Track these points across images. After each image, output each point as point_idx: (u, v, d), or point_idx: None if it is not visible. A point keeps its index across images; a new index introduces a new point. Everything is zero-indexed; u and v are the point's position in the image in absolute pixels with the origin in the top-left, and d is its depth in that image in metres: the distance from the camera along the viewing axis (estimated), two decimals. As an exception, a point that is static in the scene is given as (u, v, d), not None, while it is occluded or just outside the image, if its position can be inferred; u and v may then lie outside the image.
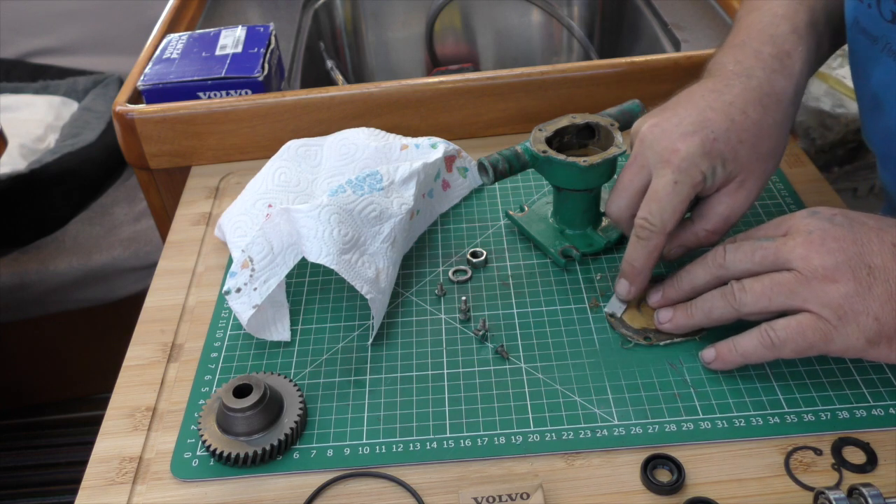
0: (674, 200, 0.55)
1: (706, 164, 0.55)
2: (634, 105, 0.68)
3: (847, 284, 0.48)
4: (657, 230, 0.55)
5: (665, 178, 0.55)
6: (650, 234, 0.56)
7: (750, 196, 0.57)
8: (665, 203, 0.55)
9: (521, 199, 0.74)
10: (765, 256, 0.51)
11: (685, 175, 0.55)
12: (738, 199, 0.57)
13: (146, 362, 0.61)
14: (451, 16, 1.26)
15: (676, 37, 0.97)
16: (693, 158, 0.55)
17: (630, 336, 0.58)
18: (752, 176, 0.57)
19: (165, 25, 0.99)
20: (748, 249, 0.52)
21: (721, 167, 0.55)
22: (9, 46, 1.85)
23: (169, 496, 0.51)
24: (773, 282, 0.50)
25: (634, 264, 0.57)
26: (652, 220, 0.55)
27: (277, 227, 0.60)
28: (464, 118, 0.82)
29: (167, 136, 0.80)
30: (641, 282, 0.58)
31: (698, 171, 0.55)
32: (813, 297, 0.49)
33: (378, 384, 0.57)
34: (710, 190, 0.57)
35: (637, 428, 0.52)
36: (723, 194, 0.57)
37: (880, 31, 0.58)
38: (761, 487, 0.49)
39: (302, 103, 0.80)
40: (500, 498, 0.47)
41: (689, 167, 0.55)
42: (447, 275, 0.66)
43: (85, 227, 1.55)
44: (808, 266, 0.49)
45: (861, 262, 0.48)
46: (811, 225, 0.50)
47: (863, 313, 0.48)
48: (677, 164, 0.55)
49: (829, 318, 0.48)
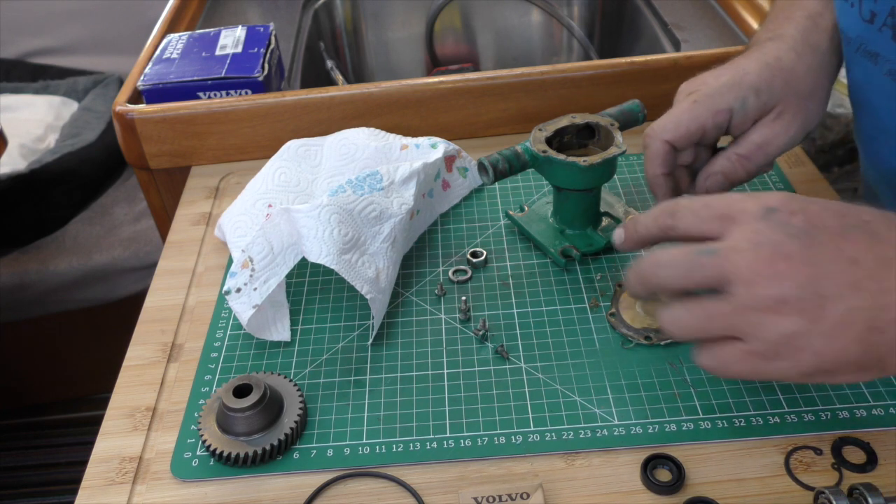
0: (683, 115, 0.57)
1: (733, 96, 0.56)
2: (634, 105, 0.68)
3: (791, 320, 0.41)
4: (653, 134, 0.58)
5: (687, 100, 0.58)
6: (648, 141, 0.59)
7: (788, 129, 0.57)
8: (673, 115, 0.57)
9: (521, 199, 0.74)
10: (704, 277, 0.44)
11: (707, 98, 0.57)
12: (774, 129, 0.57)
13: (146, 362, 0.61)
14: (451, 16, 1.26)
15: (676, 37, 0.97)
16: (720, 88, 0.57)
17: (631, 336, 0.58)
18: (789, 109, 0.57)
19: (165, 25, 0.99)
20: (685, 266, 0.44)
21: (754, 97, 0.57)
22: (9, 46, 1.85)
23: (169, 496, 0.51)
24: (710, 313, 0.44)
25: (646, 173, 0.60)
26: (653, 127, 0.58)
27: (277, 227, 0.60)
28: (464, 118, 0.82)
29: (167, 136, 0.80)
30: (662, 194, 0.60)
31: (723, 100, 0.57)
32: (751, 330, 0.42)
33: (378, 384, 0.57)
34: (745, 122, 0.58)
35: (637, 428, 0.52)
36: (761, 123, 0.58)
37: (856, 31, 0.59)
38: (761, 487, 0.49)
39: (302, 103, 0.80)
40: (500, 498, 0.47)
41: (714, 94, 0.57)
42: (447, 275, 0.66)
43: (85, 227, 1.55)
44: (751, 294, 0.42)
45: (812, 291, 0.41)
46: (761, 234, 0.42)
47: (802, 350, 0.41)
48: (703, 91, 0.57)
49: (765, 353, 0.42)
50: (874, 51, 0.58)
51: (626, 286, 0.52)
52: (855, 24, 0.59)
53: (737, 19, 0.96)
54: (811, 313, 0.41)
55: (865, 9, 0.58)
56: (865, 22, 0.58)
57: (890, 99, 0.59)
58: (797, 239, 0.42)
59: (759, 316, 0.42)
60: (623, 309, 0.61)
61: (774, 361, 0.42)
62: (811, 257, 0.42)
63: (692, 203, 0.46)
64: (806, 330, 0.41)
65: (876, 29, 0.57)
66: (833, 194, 0.72)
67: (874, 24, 0.57)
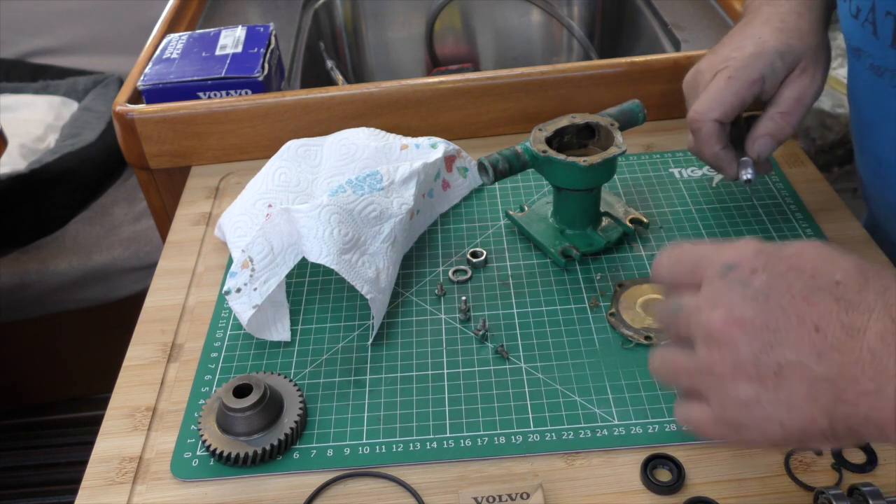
0: (724, 92, 0.60)
1: (763, 63, 0.60)
2: (634, 105, 0.68)
3: (747, 386, 0.39)
4: (701, 117, 0.60)
5: (721, 77, 0.60)
6: (698, 125, 0.61)
7: (816, 80, 0.61)
8: (714, 94, 0.60)
9: (521, 199, 0.74)
10: (677, 332, 0.43)
11: (741, 72, 0.60)
12: (804, 82, 0.61)
13: (146, 362, 0.61)
14: (451, 16, 1.26)
15: (676, 37, 0.97)
16: (749, 60, 0.60)
17: (631, 336, 0.58)
18: (811, 62, 0.61)
19: (165, 25, 0.99)
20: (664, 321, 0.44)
21: (780, 60, 0.60)
22: (9, 46, 1.85)
23: (169, 496, 0.51)
24: (677, 366, 0.43)
25: (707, 157, 0.62)
26: (698, 110, 0.60)
27: (277, 227, 0.60)
28: (464, 118, 0.82)
29: (167, 136, 0.80)
30: (728, 164, 0.62)
31: (755, 70, 0.60)
32: (711, 393, 0.41)
33: (378, 384, 0.57)
34: (775, 86, 0.61)
35: (637, 428, 0.52)
36: (789, 81, 0.61)
37: (846, 26, 0.61)
38: (761, 487, 0.49)
39: (302, 103, 0.80)
40: (500, 498, 0.47)
41: (746, 66, 0.60)
42: (447, 275, 0.66)
43: (85, 227, 1.55)
44: (709, 358, 0.40)
45: (767, 358, 0.38)
46: (718, 295, 0.40)
47: (765, 420, 0.39)
48: (734, 66, 0.60)
49: (729, 421, 0.40)
50: (857, 46, 0.61)
51: None
52: (845, 19, 0.61)
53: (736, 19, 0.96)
54: (769, 382, 0.38)
55: (853, 4, 0.59)
56: (852, 17, 0.60)
57: (872, 93, 0.61)
58: (754, 301, 0.39)
59: (717, 380, 0.40)
60: (623, 309, 0.61)
61: (740, 430, 0.40)
62: (767, 323, 0.39)
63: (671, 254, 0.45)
64: (766, 398, 0.39)
65: (860, 24, 0.59)
66: (833, 194, 0.72)
67: (858, 19, 0.59)
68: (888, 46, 0.57)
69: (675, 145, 0.80)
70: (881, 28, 0.57)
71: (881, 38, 0.57)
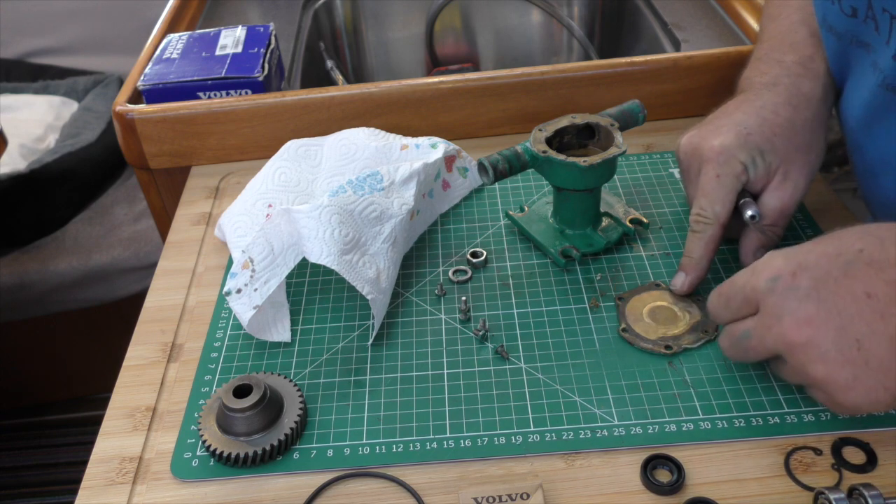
0: (721, 192, 0.59)
1: (744, 155, 0.58)
2: (634, 105, 0.68)
3: (843, 372, 0.44)
4: (711, 221, 0.59)
5: (709, 174, 0.59)
6: (705, 227, 0.59)
7: (798, 186, 0.60)
8: (713, 195, 0.59)
9: (521, 199, 0.74)
10: (759, 355, 0.49)
11: (726, 167, 0.59)
12: (786, 191, 0.60)
13: (146, 362, 0.61)
14: (451, 16, 1.26)
15: (676, 37, 0.97)
16: (730, 150, 0.59)
17: (651, 349, 0.57)
18: (794, 167, 0.60)
19: (165, 25, 0.99)
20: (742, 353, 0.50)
21: (760, 158, 0.59)
22: (9, 46, 1.85)
23: (169, 496, 0.51)
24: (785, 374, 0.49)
25: (692, 255, 0.60)
26: (705, 213, 0.59)
27: (278, 228, 0.60)
28: (464, 118, 0.82)
29: (167, 136, 0.80)
30: (698, 273, 0.60)
31: (737, 161, 0.58)
32: (819, 391, 0.46)
33: (378, 384, 0.57)
34: (757, 184, 0.60)
35: (637, 428, 0.52)
36: (771, 189, 0.60)
37: (843, 26, 0.61)
38: (761, 487, 0.49)
39: (302, 103, 0.80)
40: (500, 498, 0.47)
41: (728, 159, 0.59)
42: (447, 275, 0.66)
43: (85, 227, 1.55)
44: (797, 361, 0.46)
45: (846, 339, 0.44)
46: (777, 307, 0.46)
47: (872, 390, 0.44)
48: (716, 159, 0.59)
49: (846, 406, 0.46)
50: (866, 41, 0.60)
51: None
52: (837, 19, 0.61)
53: (737, 19, 0.96)
54: (858, 360, 0.43)
55: (846, 4, 0.59)
56: (849, 17, 0.60)
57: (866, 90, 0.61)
58: (808, 299, 0.44)
59: (818, 379, 0.45)
60: (633, 322, 0.60)
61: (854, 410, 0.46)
62: (829, 311, 0.44)
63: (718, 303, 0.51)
64: (862, 374, 0.43)
65: (861, 21, 0.59)
66: (833, 194, 0.72)
67: (858, 17, 0.59)
68: (884, 43, 0.57)
69: (674, 145, 0.80)
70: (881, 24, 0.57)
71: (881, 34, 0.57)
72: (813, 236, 0.66)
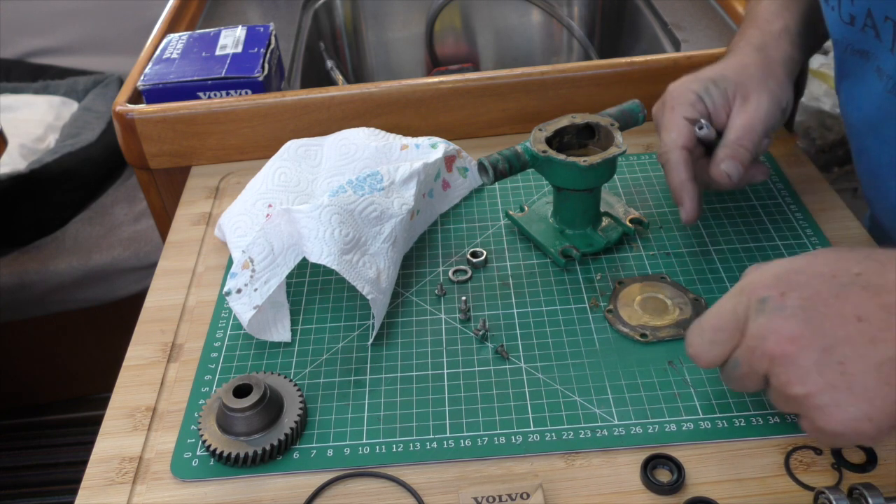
0: (675, 120, 0.63)
1: (696, 86, 0.63)
2: (634, 105, 0.68)
3: (823, 396, 0.41)
4: (668, 147, 0.63)
5: (666, 110, 0.64)
6: (667, 156, 0.63)
7: (760, 105, 0.62)
8: (670, 125, 0.63)
9: (521, 199, 0.74)
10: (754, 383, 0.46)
11: (679, 98, 0.63)
12: (748, 109, 0.62)
13: (146, 362, 0.61)
14: (451, 16, 1.26)
15: (676, 37, 0.97)
16: (682, 85, 0.64)
17: (627, 333, 0.58)
18: (751, 91, 0.63)
19: (165, 25, 0.99)
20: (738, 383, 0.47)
21: (713, 85, 0.63)
22: (9, 46, 1.85)
23: (169, 496, 0.51)
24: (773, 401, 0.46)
25: (674, 183, 0.63)
26: (664, 143, 0.63)
27: (278, 228, 0.60)
28: (464, 118, 0.82)
29: (167, 136, 0.80)
30: (689, 197, 0.62)
31: (689, 91, 0.63)
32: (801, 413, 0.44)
33: (378, 384, 0.57)
34: (720, 114, 0.63)
35: (637, 428, 0.52)
36: (734, 110, 0.63)
37: (840, 33, 0.62)
38: (761, 487, 0.49)
39: (302, 103, 0.80)
40: (500, 498, 0.47)
41: (681, 92, 0.64)
42: (447, 275, 0.66)
43: (85, 227, 1.55)
44: (779, 382, 0.43)
45: (830, 359, 0.41)
46: (763, 328, 0.43)
47: (854, 421, 0.41)
48: (669, 96, 0.64)
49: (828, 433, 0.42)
50: (865, 49, 0.61)
51: None
52: (837, 27, 0.62)
53: (737, 19, 0.96)
54: (840, 382, 0.41)
55: (844, 12, 0.60)
56: (847, 24, 0.60)
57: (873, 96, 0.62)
58: (794, 318, 0.42)
59: (797, 399, 0.43)
60: (621, 306, 0.61)
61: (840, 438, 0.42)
62: (815, 330, 0.42)
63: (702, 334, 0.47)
64: (844, 400, 0.41)
65: (858, 30, 0.59)
66: (833, 194, 0.72)
67: (855, 25, 0.60)
68: (888, 50, 0.58)
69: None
70: (883, 32, 0.57)
71: (884, 41, 0.58)
72: (813, 236, 0.66)
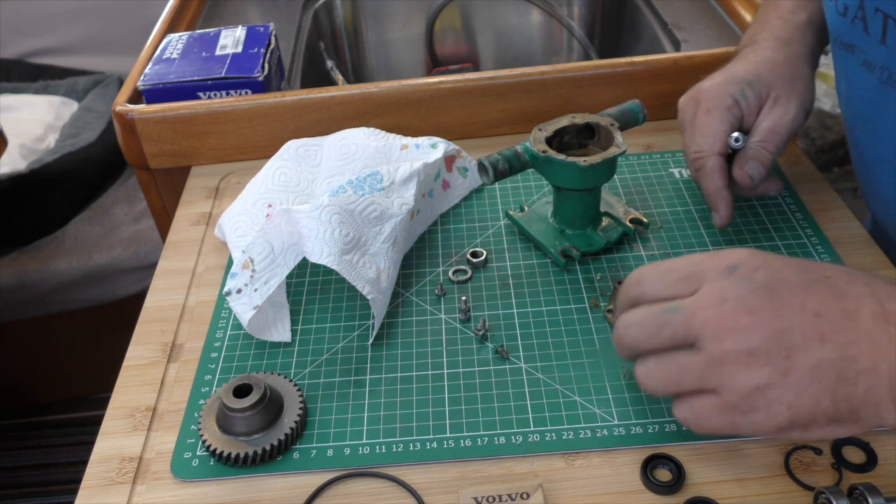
0: (712, 124, 0.62)
1: (733, 88, 0.63)
2: (634, 105, 0.68)
3: (761, 371, 0.42)
4: (705, 153, 0.62)
5: (701, 112, 0.63)
6: (703, 161, 0.63)
7: (788, 109, 0.63)
8: (706, 129, 0.62)
9: (521, 199, 0.74)
10: (673, 335, 0.44)
11: (715, 101, 0.63)
12: (777, 112, 0.63)
13: (146, 362, 0.61)
14: (451, 16, 1.26)
15: (676, 37, 0.97)
16: (717, 88, 0.63)
17: None
18: (783, 93, 0.63)
19: (165, 25, 0.99)
20: (653, 325, 0.45)
21: (749, 89, 0.63)
22: (9, 46, 1.85)
23: (169, 496, 0.51)
24: (681, 366, 0.44)
25: (708, 192, 0.63)
26: (699, 148, 0.63)
27: (278, 228, 0.60)
28: (464, 118, 0.82)
29: (167, 136, 0.80)
30: (725, 204, 0.63)
31: (726, 94, 0.63)
32: (723, 382, 0.43)
33: (378, 384, 0.57)
34: (751, 116, 0.64)
35: (637, 428, 0.52)
36: (763, 112, 0.64)
37: (834, 24, 0.63)
38: (761, 487, 0.49)
39: (302, 103, 0.80)
40: (500, 498, 0.47)
41: (717, 95, 0.63)
42: (447, 275, 0.66)
43: (85, 227, 1.55)
44: (720, 348, 0.42)
45: (779, 342, 0.41)
46: (726, 291, 0.43)
47: (775, 402, 0.42)
48: (706, 96, 0.63)
49: (739, 406, 0.43)
50: (849, 42, 0.62)
51: None
52: (832, 17, 0.63)
53: (736, 19, 0.96)
54: (780, 365, 0.41)
55: (840, 2, 0.61)
56: (840, 15, 0.61)
57: (864, 89, 0.62)
58: (760, 293, 0.43)
59: (730, 368, 0.42)
60: None
61: (749, 415, 0.43)
62: (775, 310, 0.42)
63: (657, 268, 0.47)
64: (776, 382, 0.42)
65: (849, 21, 0.60)
66: (833, 194, 0.72)
67: (847, 16, 0.60)
68: (878, 42, 0.58)
69: (674, 145, 0.80)
70: (871, 24, 0.57)
71: (872, 34, 0.58)
72: (812, 236, 0.66)
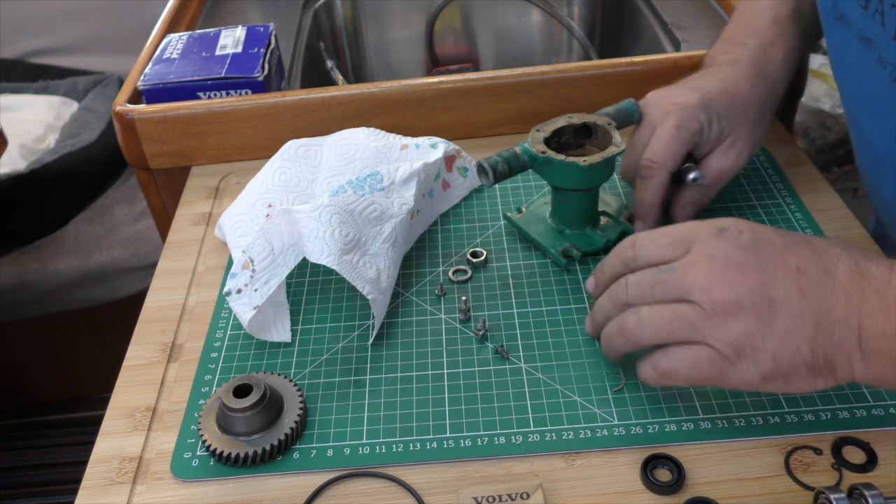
0: (675, 142, 0.62)
1: (704, 116, 0.63)
2: (630, 104, 0.68)
3: (747, 320, 0.45)
4: (658, 167, 0.62)
5: (668, 124, 0.62)
6: (653, 172, 0.62)
7: (740, 157, 0.65)
8: (667, 143, 0.62)
9: (520, 199, 0.74)
10: (666, 291, 0.48)
11: (686, 121, 0.62)
12: (729, 158, 0.64)
13: (146, 362, 0.61)
14: (451, 16, 1.26)
15: (676, 37, 0.97)
16: (693, 109, 0.62)
17: None
18: (741, 138, 0.64)
19: (165, 25, 0.99)
20: (648, 284, 0.49)
21: (716, 122, 0.63)
22: (9, 46, 1.85)
23: (169, 496, 0.51)
24: (673, 315, 0.47)
25: (643, 201, 0.64)
26: (654, 159, 0.62)
27: (278, 228, 0.60)
28: (464, 118, 0.82)
29: (167, 136, 0.80)
30: (653, 218, 0.64)
31: (696, 120, 0.62)
32: (712, 332, 0.46)
33: (378, 384, 0.57)
34: (704, 147, 0.64)
35: (637, 428, 0.52)
36: (716, 153, 0.64)
37: (855, 17, 0.62)
38: (761, 487, 0.49)
39: (302, 103, 0.80)
40: (500, 498, 0.47)
41: (689, 116, 0.62)
42: (447, 275, 0.66)
43: (85, 227, 1.55)
44: (709, 299, 0.46)
45: (763, 294, 0.45)
46: (714, 248, 0.47)
47: (760, 350, 0.45)
48: (679, 113, 0.63)
49: (727, 354, 0.46)
50: (868, 36, 0.61)
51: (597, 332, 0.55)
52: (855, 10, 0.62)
53: (737, 19, 0.96)
54: (764, 315, 0.45)
55: None
56: (862, 8, 0.60)
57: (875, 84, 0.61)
58: (746, 250, 0.47)
59: (719, 319, 0.46)
60: None
61: (737, 364, 0.46)
62: (760, 266, 0.46)
63: (650, 233, 0.51)
64: (761, 331, 0.45)
65: (870, 14, 0.60)
66: (833, 194, 0.72)
67: (868, 9, 0.60)
68: (891, 39, 0.57)
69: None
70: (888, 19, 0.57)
71: (888, 29, 0.57)
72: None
